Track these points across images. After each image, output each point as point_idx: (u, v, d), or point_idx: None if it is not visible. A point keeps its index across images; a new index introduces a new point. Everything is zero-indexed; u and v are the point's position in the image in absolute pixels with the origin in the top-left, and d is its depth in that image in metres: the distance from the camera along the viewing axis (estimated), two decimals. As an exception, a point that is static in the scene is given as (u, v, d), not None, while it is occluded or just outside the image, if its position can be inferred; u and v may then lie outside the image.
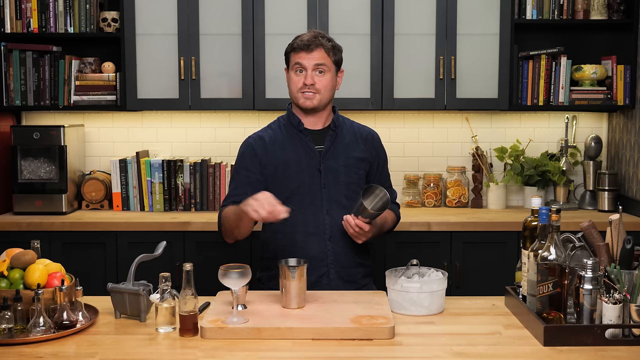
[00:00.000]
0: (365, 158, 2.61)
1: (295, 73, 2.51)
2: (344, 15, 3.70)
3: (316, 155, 2.54)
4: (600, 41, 3.95)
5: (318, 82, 2.49)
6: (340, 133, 2.59)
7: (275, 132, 2.58)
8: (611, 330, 1.89)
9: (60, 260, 2.30)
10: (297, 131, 2.55)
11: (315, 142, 2.56)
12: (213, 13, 3.71)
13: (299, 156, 2.53)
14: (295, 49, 2.50)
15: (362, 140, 2.63)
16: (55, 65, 3.80)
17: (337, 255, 2.51)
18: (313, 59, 2.48)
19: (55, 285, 2.00)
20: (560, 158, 3.96)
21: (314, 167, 2.53)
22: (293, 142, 2.55)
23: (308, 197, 2.51)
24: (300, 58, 2.49)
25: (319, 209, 2.51)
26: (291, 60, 2.53)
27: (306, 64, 2.48)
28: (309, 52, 2.48)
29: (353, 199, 2.54)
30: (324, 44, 2.50)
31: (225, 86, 3.76)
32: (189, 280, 1.97)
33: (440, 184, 4.00)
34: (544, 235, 2.02)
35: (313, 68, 2.48)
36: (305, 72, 2.49)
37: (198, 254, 3.52)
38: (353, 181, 2.57)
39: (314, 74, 2.49)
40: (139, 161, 3.85)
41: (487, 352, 1.86)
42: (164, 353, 1.87)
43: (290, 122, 2.58)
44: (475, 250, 3.55)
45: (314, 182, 2.52)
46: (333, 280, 2.50)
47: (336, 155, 2.56)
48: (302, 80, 2.49)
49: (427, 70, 3.73)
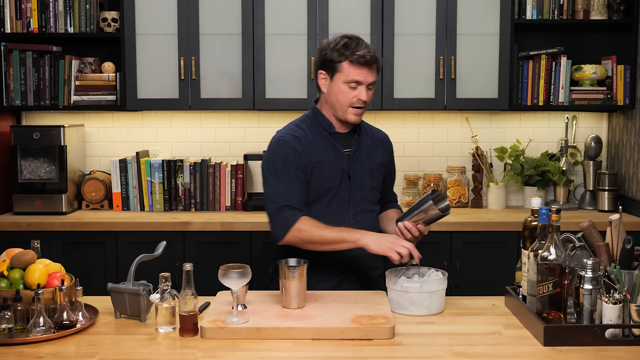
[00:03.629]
0: (384, 163, 2.59)
1: (348, 87, 2.41)
2: (344, 15, 3.70)
3: (345, 159, 2.49)
4: (600, 41, 3.95)
5: (368, 97, 2.44)
6: (363, 136, 2.55)
7: (307, 133, 2.50)
8: (611, 330, 1.89)
9: (60, 260, 2.30)
10: (328, 134, 2.49)
11: (343, 145, 2.50)
12: (213, 13, 3.71)
13: (330, 159, 2.47)
14: (354, 64, 2.39)
15: (380, 143, 2.60)
16: (55, 65, 3.80)
17: (358, 260, 2.48)
18: (371, 77, 2.42)
19: (55, 285, 2.00)
20: (560, 158, 3.96)
21: (344, 170, 2.48)
22: (324, 144, 2.49)
23: (336, 200, 2.47)
24: (359, 75, 2.39)
25: (346, 213, 2.46)
26: (345, 72, 2.40)
27: (364, 80, 2.41)
28: (369, 69, 2.41)
29: (374, 203, 2.53)
30: (379, 61, 2.44)
31: (225, 86, 3.76)
32: (189, 280, 1.97)
33: (440, 184, 4.00)
34: (544, 235, 2.02)
35: (367, 84, 2.42)
36: (361, 87, 2.41)
37: (198, 254, 3.51)
38: (375, 186, 2.54)
39: (367, 89, 2.43)
40: (139, 161, 3.85)
41: (487, 352, 1.86)
42: (164, 353, 1.87)
43: (320, 124, 2.50)
44: (475, 250, 3.55)
45: (342, 186, 2.48)
46: (354, 284, 2.47)
47: (362, 159, 2.52)
48: (357, 97, 2.41)
49: (427, 70, 3.73)
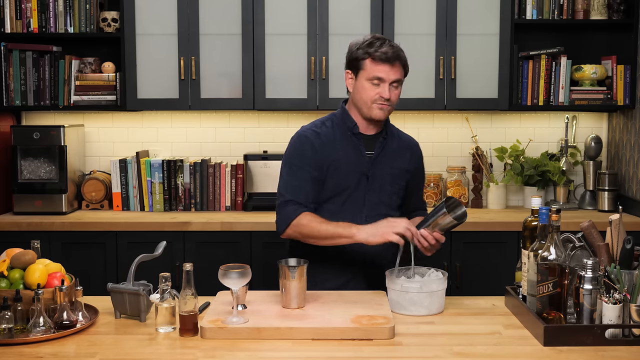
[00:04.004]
0: (409, 169, 2.58)
1: (371, 84, 2.42)
2: (344, 16, 3.70)
3: (366, 161, 2.49)
4: (600, 41, 3.95)
5: (393, 95, 2.43)
6: (390, 140, 2.54)
7: (330, 130, 2.51)
8: (611, 330, 1.89)
9: (60, 260, 2.29)
10: (351, 134, 2.49)
11: (367, 147, 2.50)
12: (213, 13, 3.71)
13: (349, 158, 2.48)
14: (376, 60, 2.40)
15: (408, 149, 2.59)
16: (55, 65, 3.80)
17: (366, 261, 2.48)
18: (394, 74, 2.41)
19: (55, 285, 2.00)
20: (560, 158, 3.96)
21: (362, 172, 2.48)
22: (346, 144, 2.49)
23: (350, 200, 2.47)
24: (381, 72, 2.40)
25: (358, 214, 2.46)
26: (367, 68, 2.42)
27: (386, 77, 2.40)
28: (391, 65, 2.40)
29: (392, 208, 2.52)
30: (402, 58, 2.44)
31: (225, 86, 3.76)
32: (189, 280, 1.97)
33: (440, 184, 4.00)
34: (544, 235, 2.02)
35: (391, 82, 2.42)
36: (384, 85, 2.41)
37: (198, 254, 3.51)
38: (395, 191, 2.53)
39: (391, 87, 2.42)
40: (139, 161, 3.85)
41: (487, 352, 1.86)
42: (164, 353, 1.87)
43: (345, 123, 2.50)
44: (475, 250, 3.55)
45: (359, 187, 2.48)
46: (360, 284, 2.48)
47: (385, 163, 2.51)
48: (380, 94, 2.41)
49: (427, 70, 3.73)
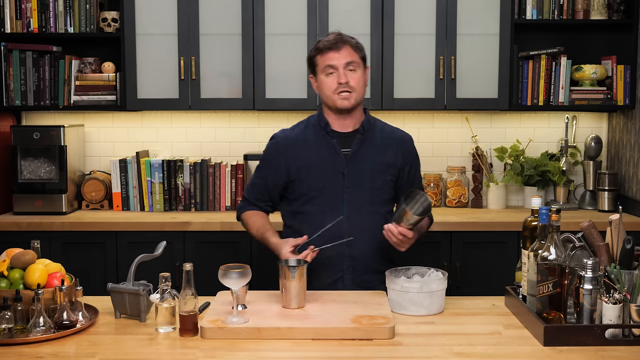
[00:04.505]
0: (394, 163, 2.54)
1: (327, 75, 2.45)
2: (344, 15, 3.70)
3: (341, 159, 2.49)
4: (600, 41, 3.95)
5: (351, 79, 2.44)
6: (370, 136, 2.53)
7: (303, 132, 2.54)
8: (611, 330, 1.89)
9: (60, 260, 2.29)
10: (325, 133, 2.51)
11: (344, 144, 2.50)
12: (213, 13, 3.71)
13: (323, 158, 2.49)
14: (323, 50, 2.45)
15: (394, 143, 2.56)
16: (55, 65, 3.80)
17: (353, 261, 2.48)
18: (343, 58, 2.43)
19: (55, 285, 2.00)
20: (560, 158, 3.96)
21: (338, 170, 2.48)
22: (319, 144, 2.50)
23: (328, 200, 2.47)
24: (330, 59, 2.43)
25: (338, 213, 2.45)
26: (319, 63, 2.47)
27: (337, 63, 2.43)
28: (337, 51, 2.43)
29: (377, 204, 2.51)
30: (349, 41, 2.46)
31: (225, 86, 3.76)
32: (189, 280, 1.97)
33: (440, 184, 4.00)
34: (544, 235, 2.02)
35: (344, 67, 2.43)
36: (337, 72, 2.44)
37: (198, 254, 3.51)
38: (377, 186, 2.51)
39: (346, 72, 2.44)
40: (139, 161, 3.85)
41: (487, 352, 1.86)
42: (164, 353, 1.87)
43: (319, 123, 2.53)
44: (475, 250, 3.55)
45: (336, 186, 2.48)
46: (347, 286, 2.47)
47: (363, 159, 2.50)
48: (336, 80, 2.43)
49: (427, 70, 3.73)
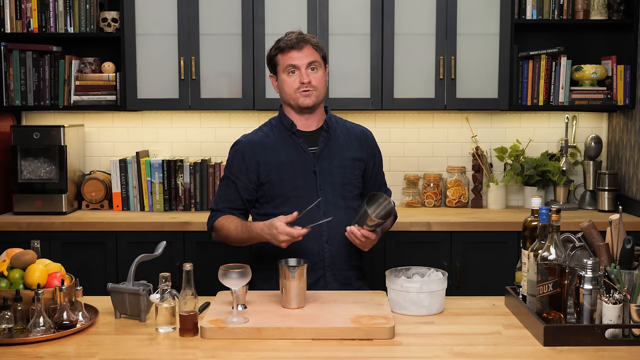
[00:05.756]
0: (360, 158, 2.58)
1: (288, 75, 2.47)
2: (344, 15, 3.70)
3: (310, 157, 2.50)
4: (600, 41, 3.95)
5: (313, 79, 2.46)
6: (334, 133, 2.55)
7: (267, 135, 2.54)
8: (611, 330, 1.89)
9: (60, 260, 2.29)
10: (290, 133, 2.51)
11: (309, 143, 2.52)
12: (213, 13, 3.71)
13: (292, 158, 2.49)
14: (284, 50, 2.46)
15: (357, 139, 2.59)
16: (55, 65, 3.80)
17: (333, 258, 2.49)
18: (305, 57, 2.45)
19: (55, 285, 2.00)
20: (560, 158, 3.96)
21: (309, 169, 2.49)
22: (286, 145, 2.51)
23: (304, 199, 2.46)
24: (292, 59, 2.45)
25: (316, 212, 2.44)
26: (280, 62, 2.48)
27: (299, 63, 2.44)
28: (299, 50, 2.45)
29: (350, 199, 2.53)
30: (311, 41, 2.48)
31: (225, 86, 3.76)
32: (189, 280, 1.97)
33: (440, 184, 4.00)
34: (544, 235, 2.02)
35: (306, 66, 2.45)
36: (300, 71, 2.45)
37: (198, 254, 3.51)
38: (349, 182, 2.54)
39: (308, 71, 2.46)
40: (139, 161, 3.85)
41: (487, 352, 1.86)
42: (164, 353, 1.87)
43: (282, 124, 2.53)
44: (475, 250, 3.55)
45: (309, 185, 2.49)
46: (329, 283, 2.48)
47: (330, 156, 2.52)
48: (298, 80, 2.45)
49: (427, 70, 3.73)
